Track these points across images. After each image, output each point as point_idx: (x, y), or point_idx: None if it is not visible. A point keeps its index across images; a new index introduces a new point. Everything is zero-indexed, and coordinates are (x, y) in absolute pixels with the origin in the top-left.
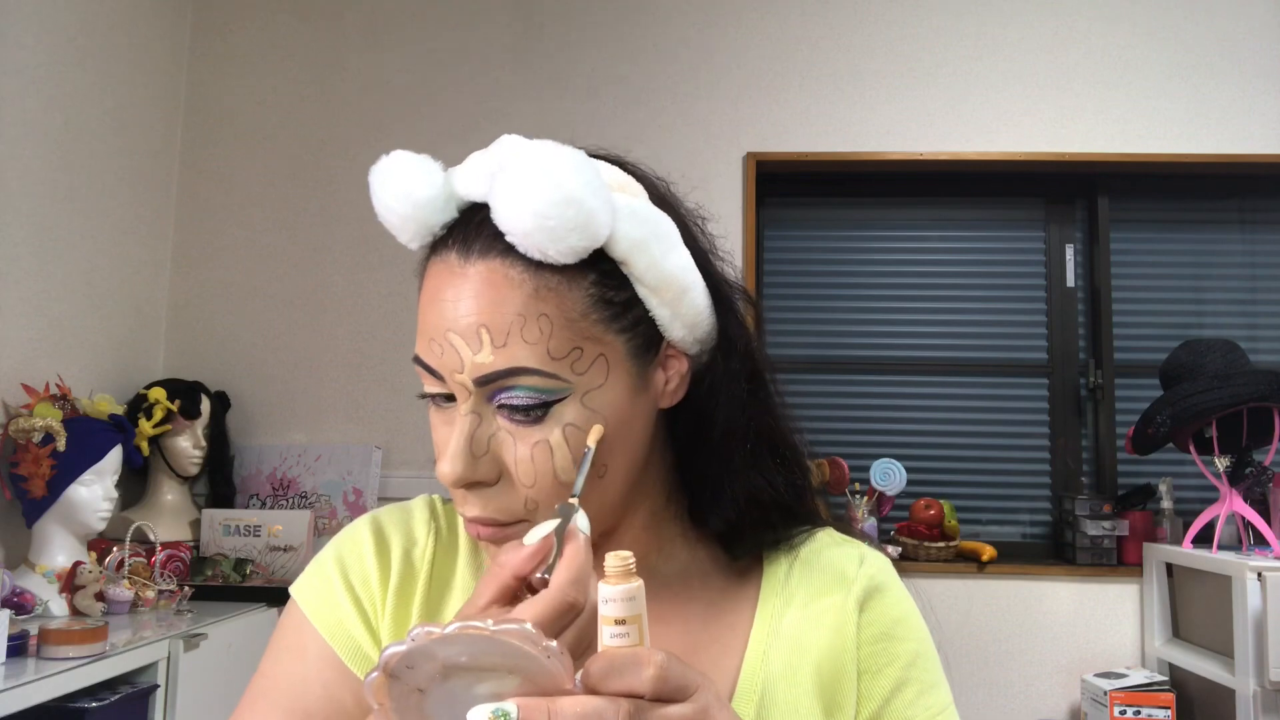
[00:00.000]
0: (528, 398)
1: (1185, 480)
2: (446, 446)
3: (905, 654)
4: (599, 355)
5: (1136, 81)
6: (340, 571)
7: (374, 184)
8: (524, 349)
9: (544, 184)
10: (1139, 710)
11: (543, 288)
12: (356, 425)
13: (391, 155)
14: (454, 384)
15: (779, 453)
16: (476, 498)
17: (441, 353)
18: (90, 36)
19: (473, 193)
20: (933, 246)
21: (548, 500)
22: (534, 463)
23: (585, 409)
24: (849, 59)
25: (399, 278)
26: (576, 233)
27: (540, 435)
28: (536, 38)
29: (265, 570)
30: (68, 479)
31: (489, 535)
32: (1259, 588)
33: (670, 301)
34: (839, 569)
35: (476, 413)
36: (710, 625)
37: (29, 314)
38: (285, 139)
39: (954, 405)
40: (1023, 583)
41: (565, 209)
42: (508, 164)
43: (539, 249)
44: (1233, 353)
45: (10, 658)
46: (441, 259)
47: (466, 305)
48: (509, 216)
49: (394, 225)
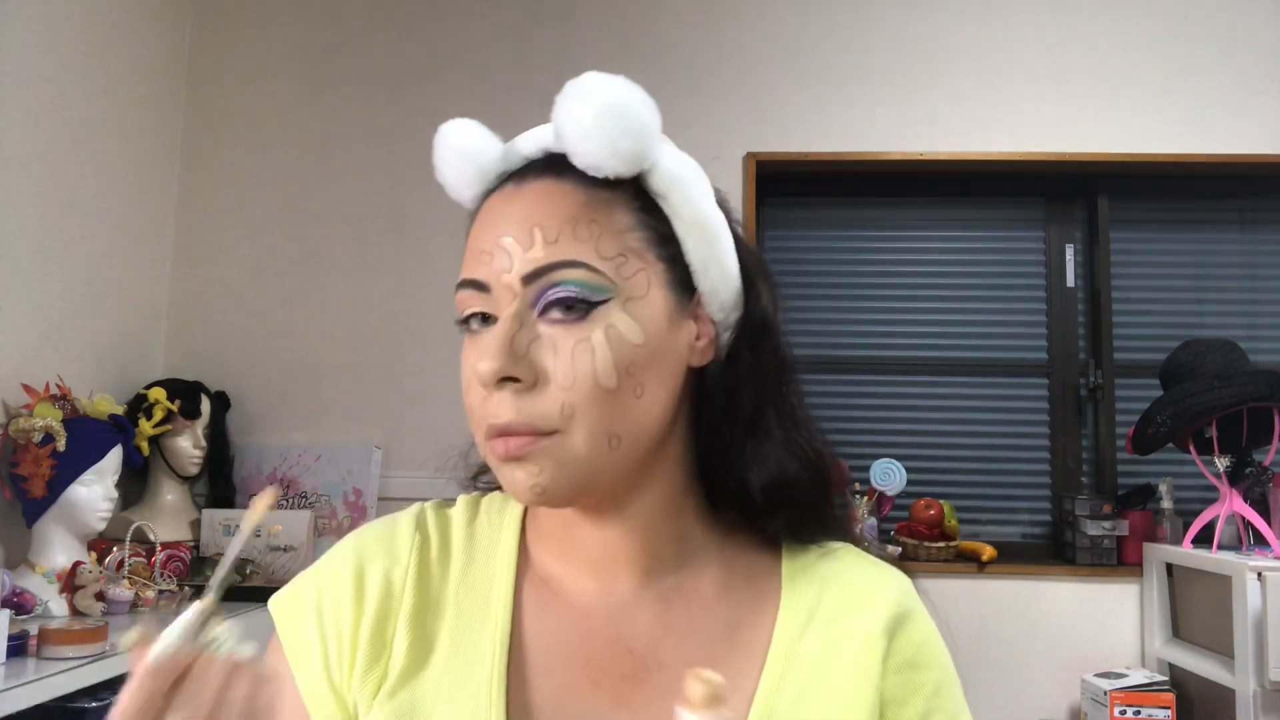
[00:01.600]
0: (575, 291)
1: (1185, 480)
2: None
3: (930, 683)
4: (641, 269)
5: (1136, 81)
6: (315, 609)
7: (437, 143)
8: (575, 245)
9: (604, 89)
10: (1139, 710)
11: (593, 199)
12: (356, 425)
13: (447, 125)
14: (500, 288)
15: (807, 440)
16: (511, 399)
17: (491, 259)
18: (90, 36)
19: (528, 144)
20: (932, 246)
21: (585, 407)
22: (574, 362)
23: (627, 315)
24: (849, 59)
25: (399, 278)
26: (631, 137)
27: (582, 334)
28: (536, 38)
29: (265, 570)
30: (68, 479)
31: (518, 447)
32: (1259, 588)
33: (704, 244)
34: (864, 592)
35: (518, 317)
36: (727, 643)
37: (29, 314)
38: (285, 139)
39: (954, 405)
40: (1023, 583)
41: (624, 113)
42: (568, 85)
43: (594, 154)
44: (1233, 353)
45: (10, 658)
46: (496, 192)
47: (521, 211)
48: (568, 121)
49: (452, 176)
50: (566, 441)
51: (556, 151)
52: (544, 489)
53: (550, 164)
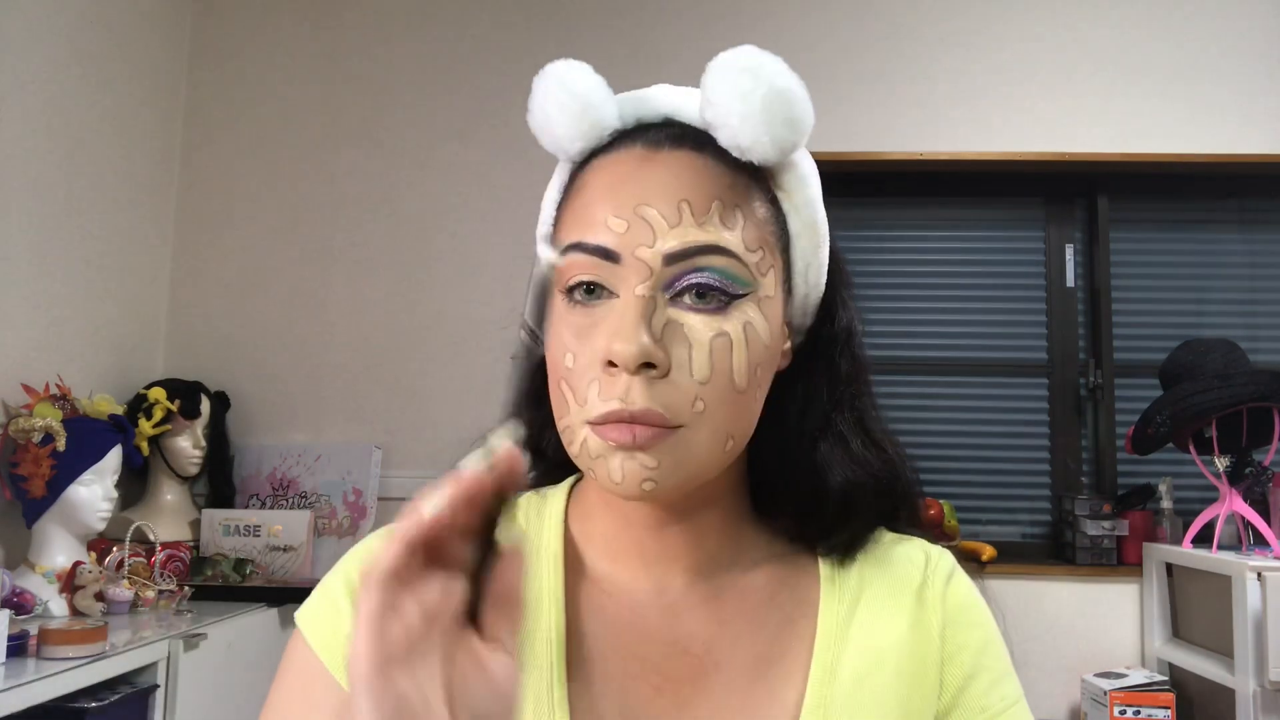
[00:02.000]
0: (720, 281)
1: (1185, 480)
2: (589, 343)
3: (976, 641)
4: (772, 266)
5: (1136, 81)
6: (349, 595)
7: (551, 85)
8: (723, 231)
9: (775, 72)
10: (1139, 710)
11: (737, 183)
12: (356, 425)
13: (559, 63)
14: (633, 262)
15: (876, 453)
16: (645, 387)
17: (626, 228)
18: (90, 37)
19: (642, 107)
20: (932, 246)
21: (715, 405)
22: (713, 354)
23: (760, 314)
24: (848, 59)
25: (399, 278)
26: (791, 127)
27: (720, 327)
28: (536, 39)
29: (265, 570)
30: (68, 479)
31: (646, 438)
32: (1259, 588)
33: (811, 247)
34: (907, 563)
35: (653, 298)
36: (781, 639)
37: (29, 314)
38: (285, 139)
39: (954, 405)
40: (1023, 583)
41: (793, 101)
42: (726, 57)
43: (752, 136)
44: (1233, 353)
45: (10, 658)
46: (622, 152)
47: (663, 181)
48: (732, 97)
49: (564, 125)
50: (690, 437)
51: (685, 121)
52: (656, 484)
53: (685, 134)
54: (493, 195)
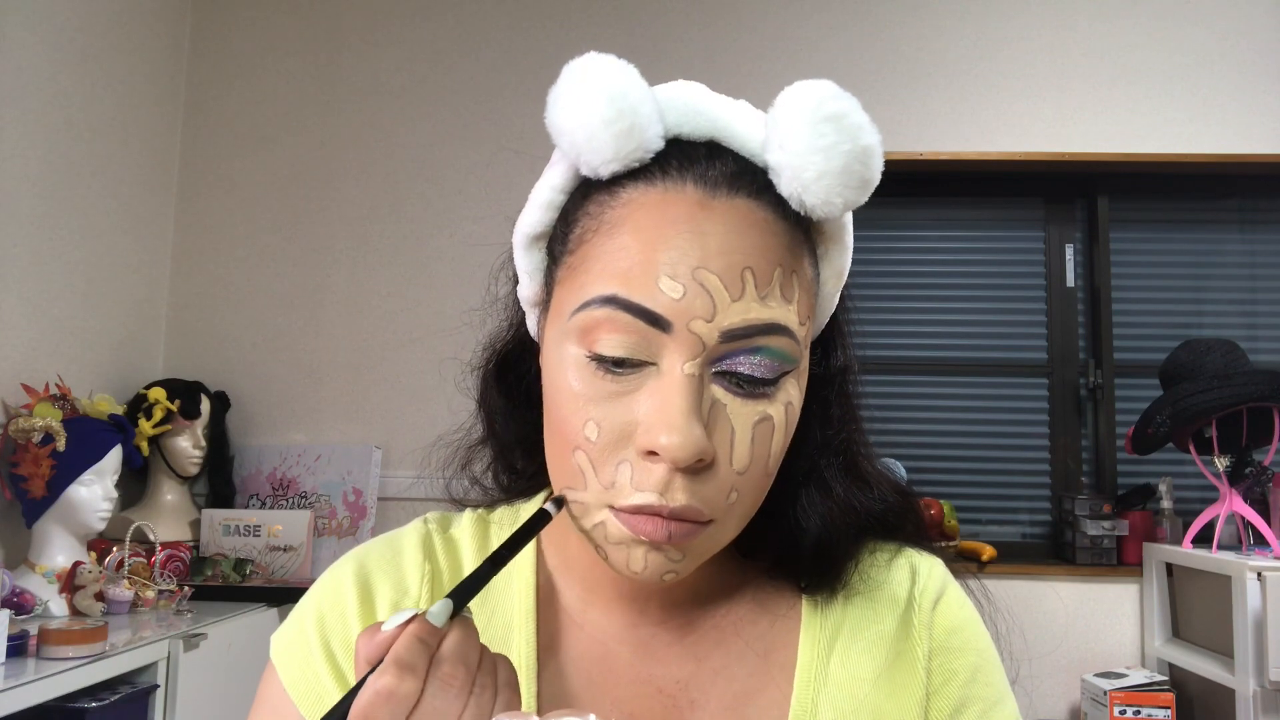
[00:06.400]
0: (775, 365)
1: (1185, 480)
2: (618, 416)
3: (965, 669)
4: (807, 331)
5: (1136, 81)
6: (319, 633)
7: (594, 88)
8: (783, 306)
9: (865, 126)
10: (1139, 710)
11: (794, 243)
12: (356, 425)
13: (605, 64)
14: (685, 335)
15: (870, 484)
16: (689, 483)
17: (682, 294)
18: (90, 36)
19: (705, 122)
20: (932, 246)
21: (746, 494)
22: (754, 444)
23: (799, 389)
24: (848, 59)
25: (399, 278)
26: (862, 189)
27: (763, 411)
28: (536, 39)
29: (265, 570)
30: (68, 479)
31: (681, 535)
32: (1259, 588)
33: (833, 294)
34: (892, 585)
35: (703, 378)
36: (759, 674)
37: (29, 314)
38: (285, 139)
39: (954, 405)
40: (1023, 583)
41: (871, 162)
42: (803, 96)
43: (819, 197)
44: (1233, 353)
45: (10, 658)
46: (670, 189)
47: (724, 239)
48: (817, 150)
49: (604, 140)
50: (718, 532)
51: (734, 149)
52: (678, 575)
53: (741, 173)
54: (493, 195)
